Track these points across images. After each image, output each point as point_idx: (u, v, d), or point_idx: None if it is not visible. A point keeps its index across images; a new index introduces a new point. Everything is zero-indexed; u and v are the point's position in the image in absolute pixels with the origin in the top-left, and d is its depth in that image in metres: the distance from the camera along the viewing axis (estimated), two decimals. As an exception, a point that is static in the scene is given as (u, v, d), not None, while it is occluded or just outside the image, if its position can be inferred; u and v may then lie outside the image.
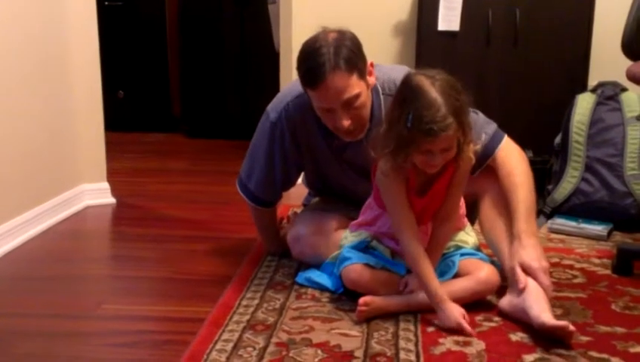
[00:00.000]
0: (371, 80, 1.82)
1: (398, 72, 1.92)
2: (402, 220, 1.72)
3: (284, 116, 1.94)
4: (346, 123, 1.76)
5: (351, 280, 1.78)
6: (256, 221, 2.19)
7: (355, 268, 1.77)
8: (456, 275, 1.78)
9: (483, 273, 1.75)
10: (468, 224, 1.92)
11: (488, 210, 1.88)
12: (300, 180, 2.24)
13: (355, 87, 1.73)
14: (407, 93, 1.62)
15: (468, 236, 1.89)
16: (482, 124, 1.88)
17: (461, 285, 1.75)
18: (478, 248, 1.89)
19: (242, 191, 2.10)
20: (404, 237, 1.71)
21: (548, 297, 1.65)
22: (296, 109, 1.92)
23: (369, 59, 1.81)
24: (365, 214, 1.88)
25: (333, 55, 1.70)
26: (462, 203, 1.83)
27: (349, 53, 1.71)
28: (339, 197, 2.09)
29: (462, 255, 1.82)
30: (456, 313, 1.64)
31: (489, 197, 1.88)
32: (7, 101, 2.32)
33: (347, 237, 1.89)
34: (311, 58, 1.72)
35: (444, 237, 1.78)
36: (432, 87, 1.57)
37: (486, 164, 1.87)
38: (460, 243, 1.86)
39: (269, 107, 1.99)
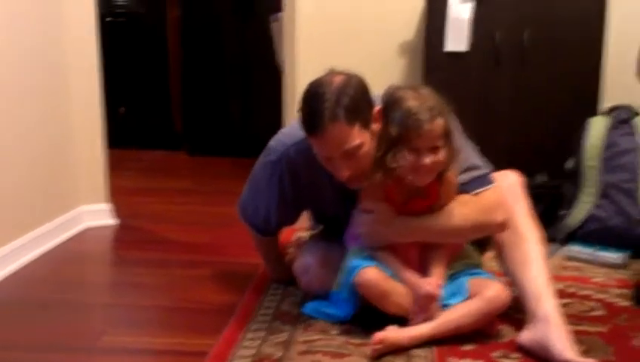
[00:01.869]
0: (377, 126, 1.71)
1: None
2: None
3: (284, 161, 1.85)
4: (345, 173, 1.68)
5: (365, 284, 1.71)
6: (257, 246, 2.13)
7: (368, 271, 1.71)
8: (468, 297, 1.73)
9: (491, 291, 1.70)
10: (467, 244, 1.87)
11: (503, 238, 1.81)
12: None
13: (357, 137, 1.64)
14: (393, 100, 1.65)
15: (471, 251, 1.86)
16: (471, 163, 1.79)
17: (470, 308, 1.70)
18: (480, 266, 1.86)
19: (242, 216, 2.05)
20: (371, 251, 1.77)
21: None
22: (298, 154, 1.83)
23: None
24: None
25: (334, 103, 1.61)
26: None
27: (351, 102, 1.62)
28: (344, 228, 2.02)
29: (470, 274, 1.78)
30: (420, 291, 1.69)
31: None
32: (4, 119, 2.26)
33: (349, 256, 1.82)
34: (312, 104, 1.64)
35: (439, 258, 1.76)
36: (417, 91, 1.66)
37: None
38: (466, 262, 1.82)
39: (271, 145, 1.90)
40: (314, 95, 1.65)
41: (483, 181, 1.78)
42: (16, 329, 1.83)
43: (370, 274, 1.71)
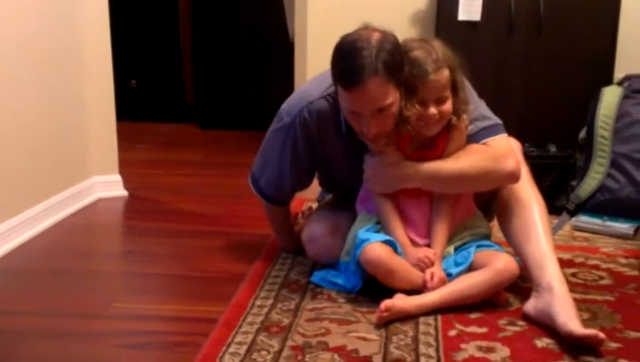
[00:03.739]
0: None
1: None
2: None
3: (297, 122, 1.84)
4: (373, 130, 1.67)
5: (371, 260, 1.70)
6: (269, 217, 2.14)
7: (374, 247, 1.70)
8: (472, 267, 1.74)
9: (500, 263, 1.70)
10: (478, 210, 1.87)
11: (505, 207, 1.81)
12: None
13: (390, 96, 1.62)
14: (404, 52, 1.66)
15: (481, 221, 1.86)
16: (479, 114, 1.79)
17: (479, 278, 1.70)
18: (490, 237, 1.87)
19: (254, 187, 2.05)
20: (379, 199, 1.79)
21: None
22: (312, 115, 1.83)
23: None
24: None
25: (374, 58, 1.58)
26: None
27: (390, 58, 1.60)
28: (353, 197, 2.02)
29: (478, 246, 1.78)
30: (418, 254, 1.73)
31: (505, 194, 1.81)
32: (16, 91, 2.28)
33: (356, 224, 1.85)
34: (350, 57, 1.60)
35: (445, 213, 1.76)
36: (426, 42, 1.69)
37: None
38: (475, 232, 1.82)
39: (283, 109, 1.89)
40: (352, 49, 1.60)
41: (492, 130, 1.78)
42: (28, 297, 1.87)
43: (376, 251, 1.70)
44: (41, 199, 2.43)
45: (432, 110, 1.66)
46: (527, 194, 1.79)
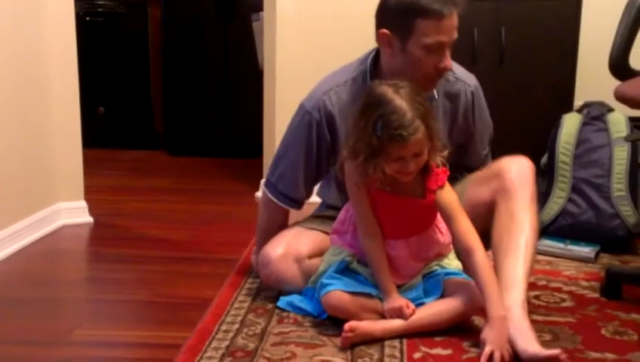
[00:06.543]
0: None
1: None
2: (367, 231, 1.76)
3: (318, 106, 1.89)
4: (449, 63, 1.78)
5: (332, 307, 1.73)
6: (264, 227, 2.06)
7: (335, 295, 1.71)
8: (441, 294, 1.74)
9: (467, 293, 1.70)
10: (452, 251, 1.86)
11: (499, 220, 1.82)
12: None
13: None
14: (371, 102, 1.64)
15: (451, 261, 1.85)
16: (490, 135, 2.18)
17: (446, 307, 1.71)
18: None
19: (267, 189, 2.02)
20: (365, 239, 1.76)
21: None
22: (332, 101, 1.89)
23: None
24: (343, 214, 1.87)
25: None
26: (447, 230, 1.79)
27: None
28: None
29: (446, 274, 1.78)
30: (399, 302, 1.70)
31: (502, 209, 1.82)
32: (-20, 117, 2.26)
33: (328, 256, 1.84)
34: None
35: (481, 269, 1.65)
36: (397, 94, 1.61)
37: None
38: (442, 263, 1.82)
39: (303, 101, 1.95)
40: None
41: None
42: (-10, 324, 1.83)
43: (337, 299, 1.71)
44: (4, 226, 2.39)
45: (412, 166, 1.64)
46: (523, 214, 1.79)
